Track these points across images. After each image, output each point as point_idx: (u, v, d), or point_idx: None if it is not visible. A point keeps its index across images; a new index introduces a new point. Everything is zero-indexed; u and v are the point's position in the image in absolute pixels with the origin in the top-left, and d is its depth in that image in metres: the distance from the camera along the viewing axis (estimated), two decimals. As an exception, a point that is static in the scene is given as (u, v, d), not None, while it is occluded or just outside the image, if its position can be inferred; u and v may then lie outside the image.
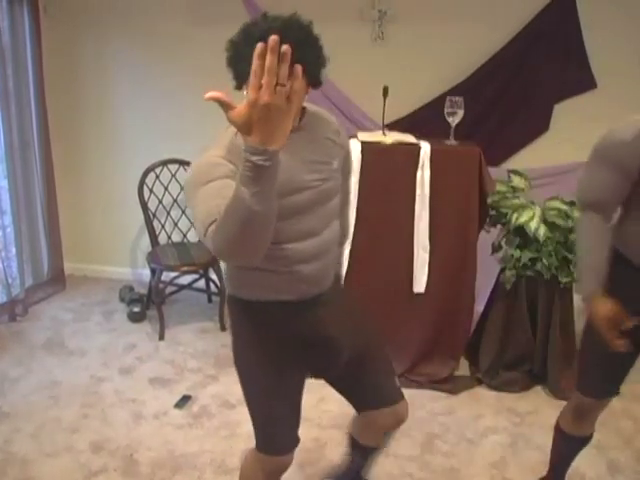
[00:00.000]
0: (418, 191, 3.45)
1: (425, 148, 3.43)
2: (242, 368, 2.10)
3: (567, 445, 2.58)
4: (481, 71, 4.18)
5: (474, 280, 3.60)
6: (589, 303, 2.11)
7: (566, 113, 4.22)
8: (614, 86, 4.14)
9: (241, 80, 1.79)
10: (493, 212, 3.61)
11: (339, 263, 2.34)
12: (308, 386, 2.56)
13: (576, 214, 3.47)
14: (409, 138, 3.54)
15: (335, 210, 2.02)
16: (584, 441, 2.53)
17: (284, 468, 2.19)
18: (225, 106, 1.42)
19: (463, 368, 3.80)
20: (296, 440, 2.17)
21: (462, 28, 4.15)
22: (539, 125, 4.27)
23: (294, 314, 2.01)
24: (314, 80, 1.78)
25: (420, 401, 3.52)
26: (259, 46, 1.31)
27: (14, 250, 4.52)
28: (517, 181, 3.66)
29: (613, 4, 4.01)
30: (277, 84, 1.33)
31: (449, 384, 3.65)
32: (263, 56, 1.31)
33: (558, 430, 2.56)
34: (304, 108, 1.90)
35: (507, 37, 4.11)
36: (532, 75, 4.15)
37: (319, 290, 2.01)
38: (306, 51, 1.65)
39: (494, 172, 3.72)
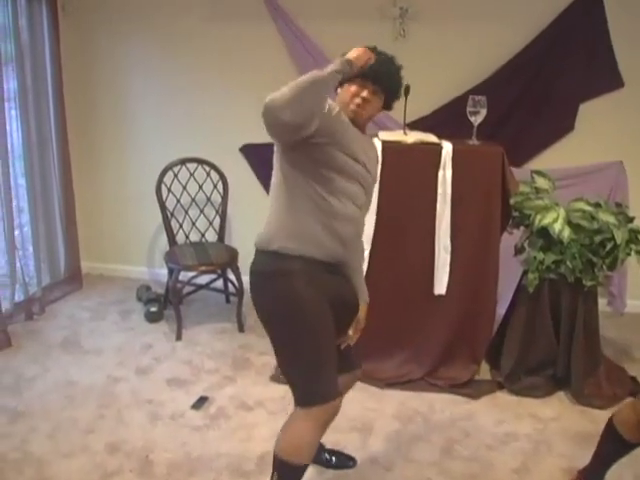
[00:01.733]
0: (440, 191, 3.45)
1: (447, 148, 3.43)
2: (285, 318, 2.29)
3: (620, 450, 2.51)
4: (505, 69, 4.16)
5: (496, 282, 3.58)
6: None
7: (592, 112, 4.20)
8: (642, 85, 4.11)
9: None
10: (516, 213, 3.59)
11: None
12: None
13: (601, 216, 3.44)
14: (431, 137, 3.53)
15: (366, 207, 2.50)
16: (637, 446, 2.48)
17: (336, 413, 2.35)
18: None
19: (484, 372, 3.79)
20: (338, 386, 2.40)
21: (485, 25, 4.13)
22: (564, 124, 4.25)
23: (325, 273, 2.34)
24: (387, 106, 2.41)
25: (440, 405, 3.51)
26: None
27: (31, 248, 4.57)
28: (541, 182, 3.64)
29: (641, 1, 3.98)
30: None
31: (470, 388, 3.63)
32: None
33: (615, 435, 2.49)
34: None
35: (532, 34, 4.09)
36: (557, 73, 4.13)
37: (344, 254, 2.37)
38: (392, 85, 2.33)
39: (517, 173, 3.71)
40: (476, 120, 3.50)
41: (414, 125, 3.93)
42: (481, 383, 3.69)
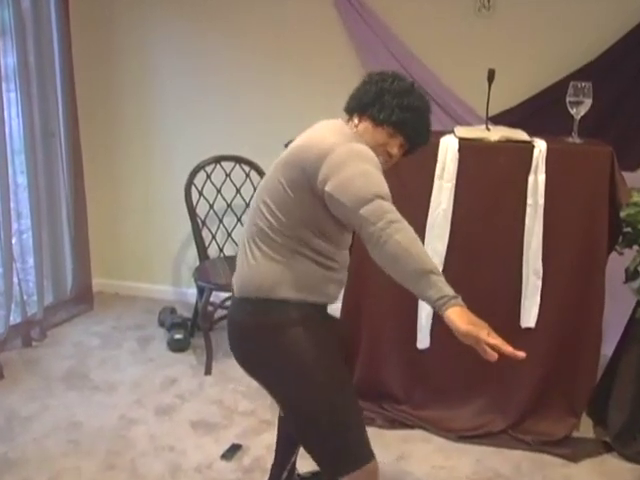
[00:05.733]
0: (530, 201, 3.41)
1: (540, 147, 3.39)
2: (312, 374, 2.34)
3: None
4: (615, 50, 4.10)
5: (601, 315, 3.52)
6: None
7: None
8: None
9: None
10: (628, 229, 3.52)
11: None
12: (384, 441, 2.51)
13: None
14: (519, 134, 3.50)
15: None
16: None
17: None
18: None
19: (586, 428, 3.71)
20: None
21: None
22: (691, 119, 4.17)
23: (321, 315, 2.47)
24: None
25: (528, 466, 3.44)
26: None
27: (32, 261, 4.63)
28: (660, 191, 3.57)
29: None
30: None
31: (567, 447, 3.56)
32: None
33: None
34: None
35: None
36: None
37: (337, 298, 2.53)
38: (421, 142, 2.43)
39: (630, 178, 3.63)
40: (578, 112, 3.45)
41: (499, 119, 3.92)
42: (582, 442, 3.63)
